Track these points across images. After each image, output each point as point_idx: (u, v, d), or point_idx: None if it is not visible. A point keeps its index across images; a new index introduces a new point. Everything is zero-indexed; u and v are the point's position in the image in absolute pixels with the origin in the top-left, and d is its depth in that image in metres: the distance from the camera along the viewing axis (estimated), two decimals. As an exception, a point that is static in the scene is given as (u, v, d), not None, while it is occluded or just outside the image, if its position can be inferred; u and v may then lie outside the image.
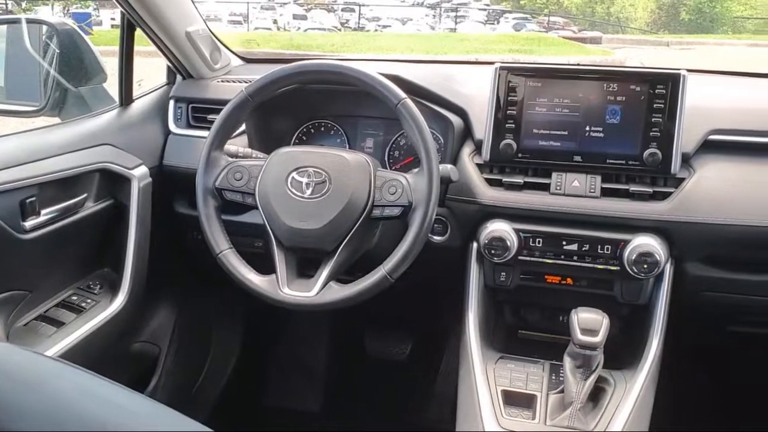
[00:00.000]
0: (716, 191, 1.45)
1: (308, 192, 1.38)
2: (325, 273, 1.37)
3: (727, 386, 2.11)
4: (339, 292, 1.36)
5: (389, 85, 1.38)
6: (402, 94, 1.37)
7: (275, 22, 19.78)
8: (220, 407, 2.24)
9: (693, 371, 1.99)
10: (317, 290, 1.36)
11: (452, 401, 1.46)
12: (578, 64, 1.59)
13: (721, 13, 17.07)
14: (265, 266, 1.42)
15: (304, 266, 1.44)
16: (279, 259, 1.40)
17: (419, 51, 10.81)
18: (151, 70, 1.97)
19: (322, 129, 1.79)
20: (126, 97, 1.79)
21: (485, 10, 22.21)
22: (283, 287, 1.37)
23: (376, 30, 19.71)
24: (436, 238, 1.61)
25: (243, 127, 1.71)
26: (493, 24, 20.23)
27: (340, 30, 19.13)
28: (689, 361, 1.91)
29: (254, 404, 2.37)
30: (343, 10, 21.31)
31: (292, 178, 1.40)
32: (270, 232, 1.41)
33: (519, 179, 1.53)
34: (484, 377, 1.41)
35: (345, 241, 1.37)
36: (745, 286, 1.51)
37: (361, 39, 14.87)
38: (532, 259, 1.52)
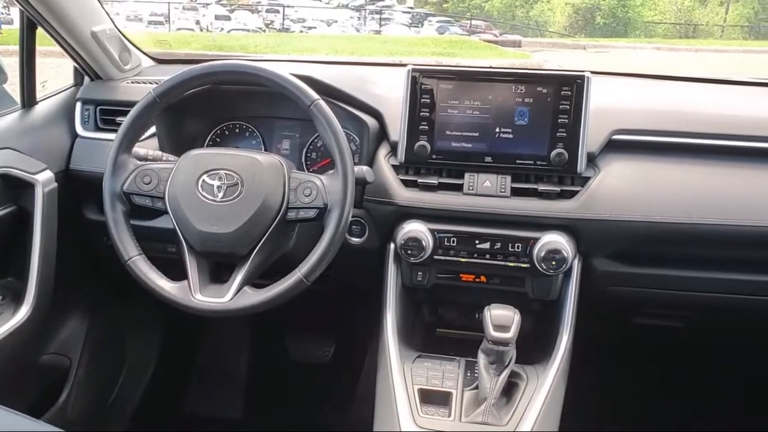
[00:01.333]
0: (620, 189, 1.51)
1: (220, 195, 1.36)
2: (239, 278, 1.36)
3: (635, 376, 2.21)
4: (253, 296, 1.35)
5: (301, 86, 1.38)
6: (314, 95, 1.37)
7: (198, 22, 19.36)
8: (138, 417, 2.18)
9: (603, 364, 2.07)
10: (231, 296, 1.34)
11: (373, 401, 1.47)
12: (489, 67, 1.62)
13: (634, 17, 17.86)
14: (179, 272, 1.39)
15: (218, 271, 1.41)
16: (191, 264, 1.37)
17: (344, 52, 10.79)
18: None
19: (237, 131, 1.77)
20: (28, 99, 1.72)
21: (409, 12, 22.43)
22: (196, 293, 1.35)
23: (301, 31, 19.55)
24: (354, 239, 1.61)
25: (154, 129, 1.67)
26: (417, 27, 20.40)
27: (264, 31, 18.87)
28: (599, 354, 1.98)
29: (174, 412, 2.32)
30: (267, 11, 21.03)
31: (203, 181, 1.37)
32: (181, 237, 1.38)
33: (433, 180, 1.55)
34: (402, 376, 1.42)
35: (259, 244, 1.36)
36: (648, 280, 1.58)
37: (285, 40, 14.71)
38: (447, 258, 1.54)
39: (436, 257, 1.54)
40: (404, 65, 1.56)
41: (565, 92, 1.48)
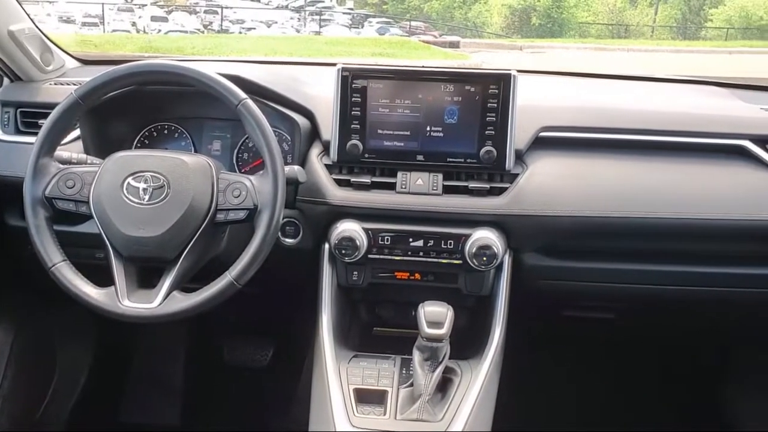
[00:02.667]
0: (547, 185, 1.54)
1: (146, 198, 1.33)
2: (167, 282, 1.33)
3: (570, 370, 2.26)
4: (183, 301, 1.32)
5: (228, 86, 1.36)
6: (242, 94, 1.36)
7: (134, 24, 18.95)
8: (71, 429, 2.11)
9: (535, 355, 2.11)
10: (159, 301, 1.32)
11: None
12: (423, 67, 1.63)
13: (568, 18, 18.36)
14: (108, 278, 1.35)
15: (146, 276, 1.38)
16: (117, 269, 1.34)
17: (283, 53, 10.71)
18: None
19: (166, 132, 1.73)
20: (-57, 102, 1.65)
21: (349, 13, 22.45)
22: (123, 300, 1.32)
23: (240, 32, 19.33)
24: (288, 240, 1.60)
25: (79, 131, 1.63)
26: (357, 28, 20.44)
27: (203, 32, 18.58)
28: (532, 347, 2.03)
29: (109, 422, 2.25)
30: (205, 12, 20.74)
31: (128, 183, 1.34)
32: (107, 241, 1.34)
33: (366, 179, 1.55)
34: (337, 377, 1.41)
35: (188, 247, 1.33)
36: (576, 273, 1.63)
37: (223, 41, 14.49)
38: (382, 256, 1.55)
39: (370, 256, 1.54)
40: (328, 64, 1.56)
41: (492, 91, 1.50)
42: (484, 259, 1.48)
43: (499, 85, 1.50)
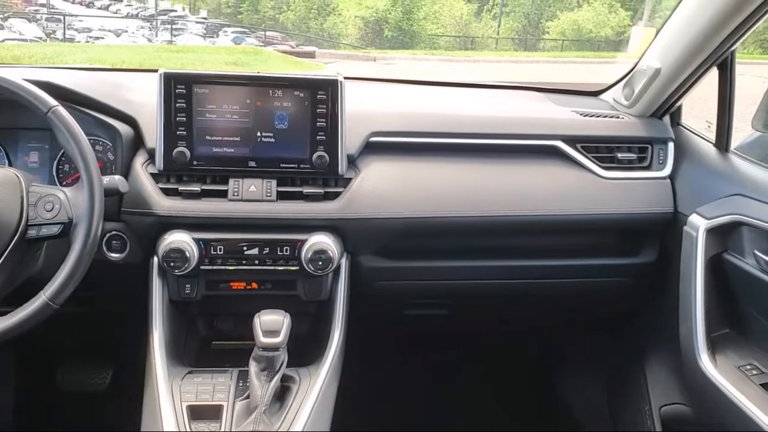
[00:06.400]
0: (378, 189, 1.57)
1: None
2: None
3: (407, 366, 2.32)
4: None
5: (36, 92, 1.27)
6: (52, 101, 1.28)
7: (-38, 32, 17.41)
8: None
9: (378, 356, 2.14)
10: None
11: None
12: (250, 73, 1.60)
13: (418, 31, 19.08)
14: None
15: None
16: None
17: (133, 63, 10.22)
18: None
19: None
20: None
21: (203, 23, 21.95)
22: None
23: (87, 41, 18.30)
24: (114, 255, 1.52)
25: None
26: (212, 37, 20.01)
27: (45, 41, 17.42)
28: (375, 348, 2.05)
29: None
30: (47, 19, 19.47)
31: None
32: None
33: (196, 187, 1.50)
34: (169, 395, 1.35)
35: None
36: (410, 273, 1.67)
37: (66, 50, 13.59)
38: (215, 267, 1.50)
39: (203, 267, 1.49)
40: (152, 71, 1.50)
41: (321, 96, 1.51)
42: (320, 263, 1.48)
43: (327, 91, 1.51)
